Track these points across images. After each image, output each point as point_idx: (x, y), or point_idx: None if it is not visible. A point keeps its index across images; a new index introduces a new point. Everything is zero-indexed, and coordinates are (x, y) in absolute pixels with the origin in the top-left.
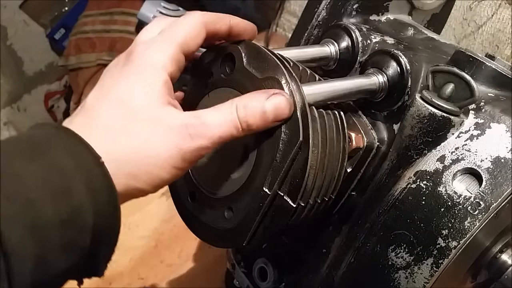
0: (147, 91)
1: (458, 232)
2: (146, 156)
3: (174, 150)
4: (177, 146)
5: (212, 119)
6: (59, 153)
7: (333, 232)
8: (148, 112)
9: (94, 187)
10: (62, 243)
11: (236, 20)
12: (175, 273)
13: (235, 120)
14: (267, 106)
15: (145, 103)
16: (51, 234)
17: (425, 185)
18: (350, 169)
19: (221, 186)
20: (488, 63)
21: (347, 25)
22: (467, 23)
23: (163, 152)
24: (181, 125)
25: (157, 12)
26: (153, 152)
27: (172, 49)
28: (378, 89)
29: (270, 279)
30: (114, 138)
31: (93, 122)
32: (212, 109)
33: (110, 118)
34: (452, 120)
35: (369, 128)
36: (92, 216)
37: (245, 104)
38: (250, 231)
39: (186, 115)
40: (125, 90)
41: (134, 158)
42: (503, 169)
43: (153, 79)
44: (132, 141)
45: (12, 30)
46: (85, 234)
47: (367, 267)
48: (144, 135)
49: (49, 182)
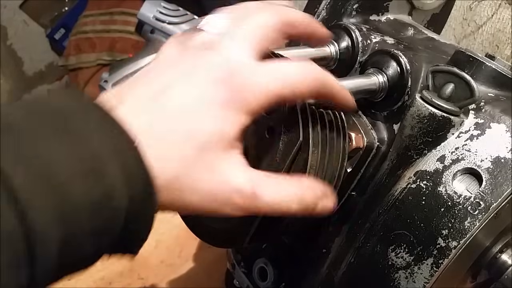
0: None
1: (458, 232)
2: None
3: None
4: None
5: (269, 195)
6: (91, 130)
7: (333, 232)
8: (213, 150)
9: (128, 171)
10: (92, 227)
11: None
12: (175, 273)
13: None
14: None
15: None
16: (80, 218)
17: (425, 185)
18: (350, 169)
19: None
20: (488, 63)
21: (347, 25)
22: (467, 23)
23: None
24: (236, 189)
25: (157, 12)
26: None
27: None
28: (378, 89)
29: (270, 279)
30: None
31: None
32: (275, 183)
33: (162, 130)
34: (452, 120)
35: (369, 128)
36: (127, 200)
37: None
38: (250, 231)
39: (246, 177)
40: (189, 105)
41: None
42: (503, 169)
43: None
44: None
45: (12, 30)
46: (116, 219)
47: (367, 267)
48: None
49: (82, 164)
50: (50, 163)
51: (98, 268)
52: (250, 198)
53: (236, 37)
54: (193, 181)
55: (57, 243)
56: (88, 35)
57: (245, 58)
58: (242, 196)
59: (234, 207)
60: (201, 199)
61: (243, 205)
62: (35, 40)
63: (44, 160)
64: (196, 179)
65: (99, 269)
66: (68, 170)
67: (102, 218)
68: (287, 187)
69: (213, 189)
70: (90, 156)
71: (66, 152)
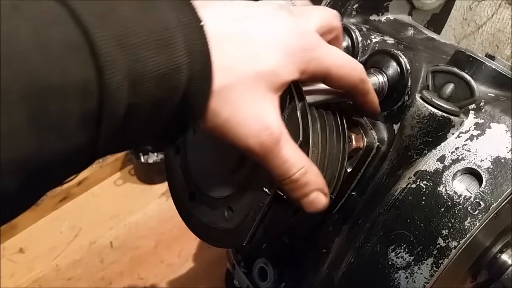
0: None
1: (458, 232)
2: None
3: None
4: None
5: (286, 151)
6: (164, 6)
7: (333, 232)
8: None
9: (192, 48)
10: (155, 98)
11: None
12: (175, 273)
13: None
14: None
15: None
16: (146, 87)
17: (425, 185)
18: (350, 169)
19: (221, 186)
20: (488, 63)
21: (347, 25)
22: (467, 23)
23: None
24: (269, 127)
25: None
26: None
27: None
28: (378, 89)
29: (270, 279)
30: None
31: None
32: (294, 147)
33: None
34: (452, 120)
35: (369, 128)
36: (187, 78)
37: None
38: (250, 231)
39: (279, 124)
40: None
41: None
42: (503, 169)
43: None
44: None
45: None
46: (176, 95)
47: (367, 267)
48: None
49: (153, 33)
50: (127, 24)
51: (98, 268)
52: (274, 142)
53: (315, 17)
54: (237, 100)
55: (124, 108)
56: None
57: (317, 35)
58: (269, 136)
59: (257, 142)
60: (233, 119)
61: (265, 144)
62: None
63: (122, 20)
64: (240, 100)
65: (99, 269)
66: (142, 34)
67: (163, 91)
68: (300, 158)
69: (249, 117)
70: (161, 25)
71: (141, 17)
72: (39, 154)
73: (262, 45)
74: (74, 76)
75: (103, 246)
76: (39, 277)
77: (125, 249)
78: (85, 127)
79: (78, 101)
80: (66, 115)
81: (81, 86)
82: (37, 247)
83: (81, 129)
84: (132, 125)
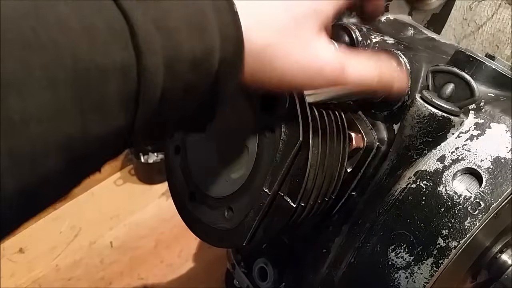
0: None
1: (458, 232)
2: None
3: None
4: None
5: (354, 71)
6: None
7: (333, 232)
8: (306, 34)
9: (225, 32)
10: (189, 82)
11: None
12: (175, 273)
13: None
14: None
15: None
16: (181, 70)
17: (425, 185)
18: (350, 169)
19: (221, 186)
20: (488, 63)
21: (347, 25)
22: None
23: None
24: (327, 62)
25: None
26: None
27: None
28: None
29: (270, 279)
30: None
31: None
32: (358, 62)
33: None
34: (452, 120)
35: (369, 128)
36: (218, 61)
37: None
38: (250, 231)
39: (335, 54)
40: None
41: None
42: (503, 169)
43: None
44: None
45: None
46: (209, 78)
47: (367, 267)
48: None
49: (189, 17)
50: (164, 7)
51: (98, 268)
52: (339, 70)
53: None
54: (286, 52)
55: (159, 91)
56: None
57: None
58: (332, 69)
59: (325, 78)
60: (292, 70)
61: (333, 76)
62: None
63: (159, 4)
64: (289, 50)
65: (99, 269)
66: (178, 18)
67: (197, 75)
68: (368, 67)
69: (305, 62)
70: (196, 10)
71: (178, 1)
72: (83, 134)
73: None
74: (116, 58)
75: (103, 246)
76: (39, 277)
77: (125, 249)
78: (124, 109)
79: (119, 82)
80: (109, 96)
81: (122, 68)
82: (37, 247)
83: (121, 111)
84: (167, 109)
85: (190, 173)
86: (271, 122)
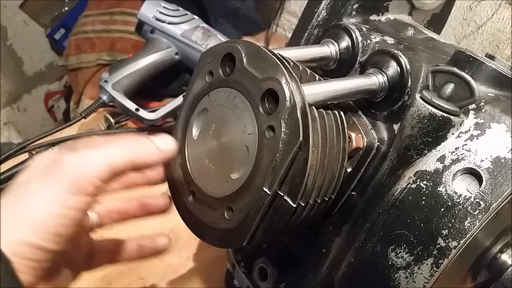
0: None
1: (458, 232)
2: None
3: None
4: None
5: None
6: None
7: (333, 232)
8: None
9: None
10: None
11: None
12: (175, 273)
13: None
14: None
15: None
16: None
17: (425, 185)
18: (350, 169)
19: (221, 186)
20: (488, 63)
21: (347, 25)
22: (467, 23)
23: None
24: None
25: (157, 12)
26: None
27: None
28: (378, 89)
29: (270, 279)
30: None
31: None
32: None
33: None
34: (452, 120)
35: (369, 128)
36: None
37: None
38: (250, 231)
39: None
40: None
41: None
42: (503, 169)
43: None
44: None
45: (12, 30)
46: None
47: (367, 267)
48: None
49: None
50: None
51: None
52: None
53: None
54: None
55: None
56: (88, 35)
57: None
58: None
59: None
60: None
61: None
62: (35, 40)
63: None
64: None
65: (99, 269)
66: None
67: None
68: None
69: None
70: None
71: None
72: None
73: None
74: None
75: None
76: None
77: None
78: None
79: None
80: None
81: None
82: None
83: None
84: None
85: (190, 173)
86: (271, 122)
